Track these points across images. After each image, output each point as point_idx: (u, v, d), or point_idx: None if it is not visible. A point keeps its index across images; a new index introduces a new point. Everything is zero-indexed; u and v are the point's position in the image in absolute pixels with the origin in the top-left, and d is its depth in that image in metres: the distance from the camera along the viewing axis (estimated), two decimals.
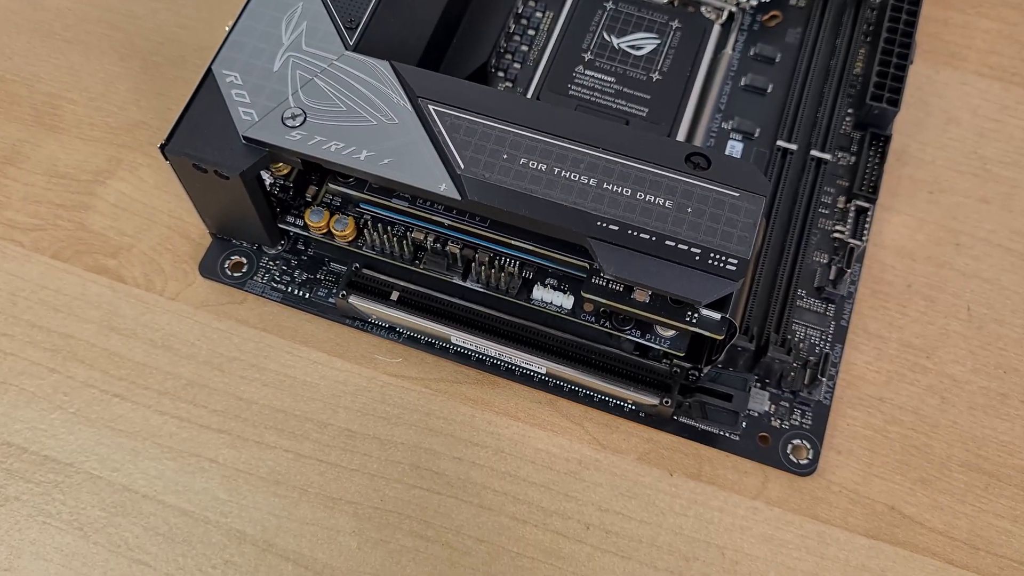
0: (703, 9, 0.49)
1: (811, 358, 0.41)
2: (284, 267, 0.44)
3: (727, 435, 0.41)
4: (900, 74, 0.46)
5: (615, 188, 0.36)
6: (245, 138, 0.38)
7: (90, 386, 0.42)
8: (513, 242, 0.39)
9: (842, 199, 0.45)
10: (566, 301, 0.39)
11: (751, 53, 0.49)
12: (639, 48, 0.47)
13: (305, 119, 0.38)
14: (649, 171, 0.37)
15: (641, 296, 0.37)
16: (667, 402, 0.39)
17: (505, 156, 0.37)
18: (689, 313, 0.37)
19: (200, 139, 0.39)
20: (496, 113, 0.38)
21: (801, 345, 0.42)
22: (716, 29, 0.48)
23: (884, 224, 0.46)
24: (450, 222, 0.39)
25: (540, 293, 0.40)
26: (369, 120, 0.38)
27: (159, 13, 0.51)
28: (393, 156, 0.37)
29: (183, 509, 0.40)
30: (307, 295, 0.43)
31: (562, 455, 0.41)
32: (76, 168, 0.47)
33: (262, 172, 0.41)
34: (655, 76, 0.46)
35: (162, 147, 0.38)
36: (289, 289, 0.43)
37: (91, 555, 0.39)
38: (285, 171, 0.41)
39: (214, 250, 0.44)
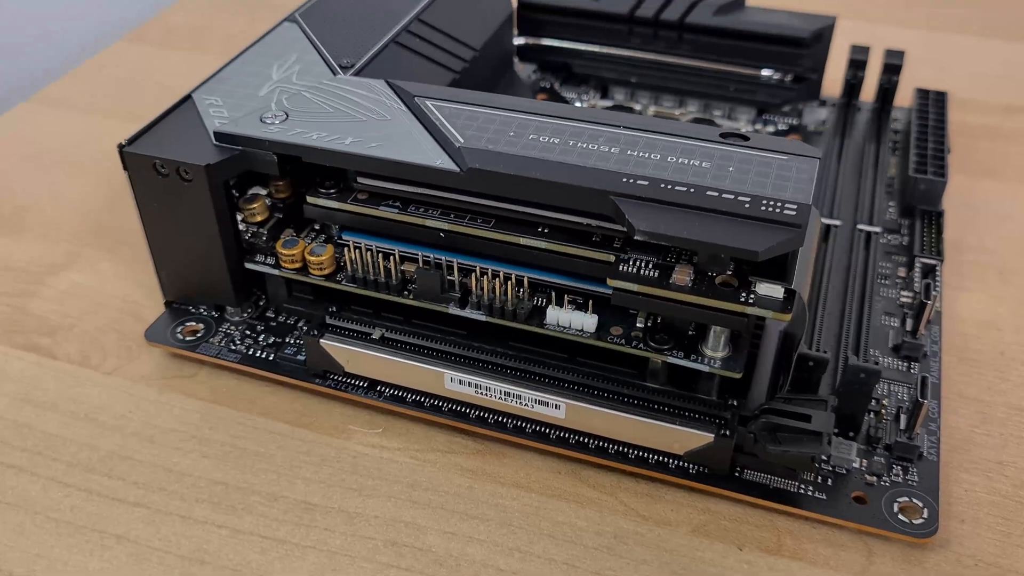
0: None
1: (901, 406, 0.33)
2: (247, 331, 0.37)
3: (810, 493, 0.31)
4: (940, 154, 0.43)
5: (641, 154, 0.31)
6: (216, 134, 0.34)
7: None
8: (522, 242, 0.32)
9: (902, 270, 0.39)
10: (588, 322, 0.32)
11: None
12: None
13: (287, 118, 0.34)
14: (680, 142, 0.32)
15: (682, 278, 0.30)
16: (726, 433, 0.30)
17: (512, 134, 0.32)
18: (743, 293, 0.29)
19: (166, 143, 0.34)
20: (501, 105, 0.34)
21: (885, 402, 0.34)
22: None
23: (955, 302, 0.39)
24: (448, 226, 0.33)
25: (556, 315, 0.32)
26: (358, 117, 0.34)
27: None
28: (383, 141, 0.32)
29: None
30: (271, 356, 0.36)
31: (591, 528, 0.31)
32: (30, 262, 0.42)
33: (236, 215, 0.36)
34: None
35: (121, 147, 0.34)
36: (251, 351, 0.36)
37: None
38: (260, 218, 0.36)
39: (166, 318, 0.37)
